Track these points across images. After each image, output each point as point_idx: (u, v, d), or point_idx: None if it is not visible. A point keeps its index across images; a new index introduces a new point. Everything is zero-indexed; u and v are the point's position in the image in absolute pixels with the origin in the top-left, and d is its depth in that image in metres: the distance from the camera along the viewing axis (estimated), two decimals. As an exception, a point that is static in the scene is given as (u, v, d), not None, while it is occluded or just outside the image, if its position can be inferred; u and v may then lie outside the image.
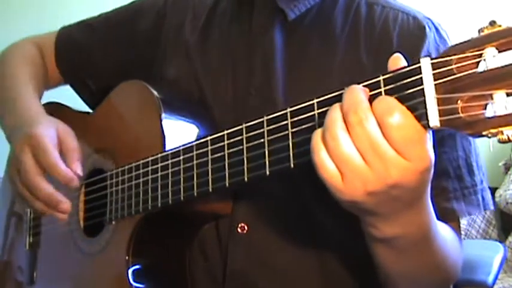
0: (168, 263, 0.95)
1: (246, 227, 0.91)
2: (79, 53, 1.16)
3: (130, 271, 0.90)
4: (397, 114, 0.53)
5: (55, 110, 1.17)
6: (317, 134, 0.58)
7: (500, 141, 0.47)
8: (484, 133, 0.48)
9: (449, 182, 0.84)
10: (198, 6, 1.06)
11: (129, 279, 0.89)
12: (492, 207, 0.89)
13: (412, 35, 0.87)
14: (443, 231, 0.78)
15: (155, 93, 0.93)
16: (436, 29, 0.89)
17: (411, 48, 0.83)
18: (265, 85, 0.91)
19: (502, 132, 0.47)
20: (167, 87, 0.99)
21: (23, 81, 1.10)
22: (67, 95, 1.22)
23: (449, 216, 0.83)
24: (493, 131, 0.47)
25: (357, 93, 0.56)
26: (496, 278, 1.26)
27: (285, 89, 0.90)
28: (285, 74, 0.91)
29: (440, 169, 0.82)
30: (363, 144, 0.55)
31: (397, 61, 0.58)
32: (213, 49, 0.99)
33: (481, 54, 0.49)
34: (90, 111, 1.16)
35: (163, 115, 0.90)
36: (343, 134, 0.55)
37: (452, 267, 0.82)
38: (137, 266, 0.90)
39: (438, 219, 0.82)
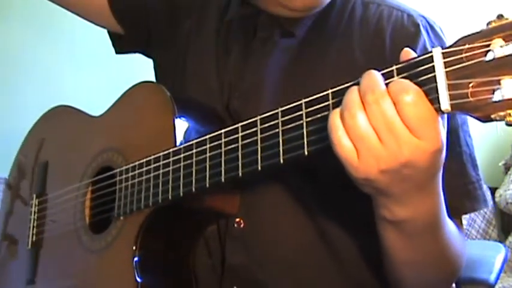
0: (174, 257, 0.99)
1: (242, 222, 0.94)
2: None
3: (137, 263, 0.93)
4: (412, 93, 0.58)
5: (63, 112, 1.21)
6: (335, 113, 0.63)
7: (508, 124, 0.53)
8: (492, 116, 0.53)
9: (455, 178, 0.88)
10: (206, 8, 1.09)
11: (135, 270, 0.92)
12: (489, 206, 0.93)
13: (406, 32, 0.92)
14: (449, 223, 0.82)
15: (168, 93, 0.97)
16: (431, 26, 0.93)
17: (405, 45, 0.87)
18: (251, 89, 0.96)
19: (509, 115, 0.52)
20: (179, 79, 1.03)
21: None
22: (73, 99, 1.27)
23: (453, 213, 0.86)
24: (501, 113, 0.52)
25: (374, 75, 0.61)
26: (498, 276, 1.31)
27: (275, 93, 0.94)
28: (277, 78, 0.95)
29: (445, 165, 0.87)
30: (379, 122, 0.60)
31: (408, 54, 0.63)
32: (212, 52, 1.04)
33: (489, 45, 0.54)
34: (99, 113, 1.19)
35: (176, 115, 0.94)
36: (361, 113, 0.60)
37: (456, 260, 0.85)
38: (144, 258, 0.93)
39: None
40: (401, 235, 0.75)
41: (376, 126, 0.60)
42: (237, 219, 0.94)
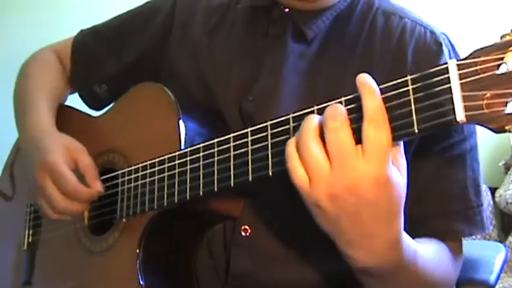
0: (176, 260, 1.00)
1: (249, 230, 0.95)
2: (93, 64, 1.21)
3: (140, 265, 0.94)
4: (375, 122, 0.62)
5: (63, 112, 1.21)
6: (291, 143, 0.67)
7: (521, 135, 0.55)
8: (506, 127, 0.56)
9: (455, 202, 0.90)
10: (209, 7, 1.10)
11: (139, 273, 0.93)
12: (489, 229, 0.96)
13: (429, 50, 0.93)
14: (428, 255, 0.83)
15: (172, 95, 0.97)
16: (452, 46, 0.95)
17: (426, 63, 0.88)
18: (265, 93, 0.96)
19: (522, 127, 0.55)
20: (178, 88, 1.02)
21: (39, 92, 1.18)
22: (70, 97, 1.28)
23: (452, 236, 0.90)
24: (516, 125, 0.55)
25: (338, 106, 0.65)
26: (498, 277, 1.33)
27: (292, 99, 0.95)
28: (291, 87, 0.96)
29: (447, 190, 0.90)
30: (333, 149, 0.63)
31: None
32: (222, 53, 1.04)
33: (502, 58, 0.57)
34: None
35: (181, 118, 0.95)
36: (313, 141, 0.64)
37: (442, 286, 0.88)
38: (147, 260, 0.95)
39: (441, 238, 0.89)
40: (373, 279, 0.77)
41: (330, 152, 0.64)
42: (244, 227, 0.95)
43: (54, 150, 1.02)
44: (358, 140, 0.64)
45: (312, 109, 0.72)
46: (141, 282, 0.94)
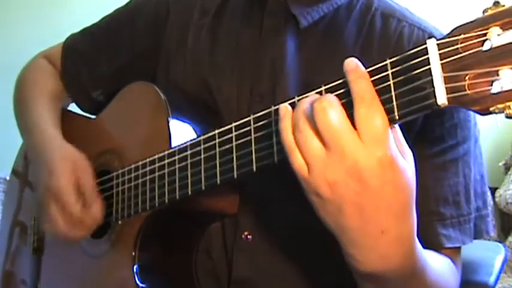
0: (174, 262, 0.95)
1: (250, 236, 0.91)
2: (85, 66, 1.15)
3: (136, 268, 0.89)
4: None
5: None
6: (286, 128, 0.60)
7: (508, 116, 0.48)
8: (491, 109, 0.49)
9: (447, 208, 0.83)
10: (205, 5, 1.04)
11: (135, 276, 0.89)
12: (491, 233, 0.88)
13: None
14: (435, 263, 0.74)
15: (162, 95, 0.93)
16: None
17: None
18: (271, 92, 0.91)
19: (509, 107, 0.47)
20: (174, 89, 0.98)
21: (39, 100, 1.13)
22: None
23: (446, 243, 0.82)
24: (500, 106, 0.48)
25: (329, 95, 0.58)
26: (497, 278, 1.26)
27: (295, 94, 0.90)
28: (293, 82, 0.90)
29: (440, 194, 0.83)
30: (325, 131, 0.56)
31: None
32: (221, 51, 0.98)
33: (485, 34, 0.50)
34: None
35: (170, 117, 0.90)
36: (306, 124, 0.57)
37: None
38: (144, 263, 0.90)
39: (434, 245, 0.81)
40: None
41: (324, 136, 0.56)
42: (246, 233, 0.91)
43: (58, 172, 0.95)
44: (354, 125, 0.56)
45: (319, 90, 0.64)
46: (139, 285, 0.89)
